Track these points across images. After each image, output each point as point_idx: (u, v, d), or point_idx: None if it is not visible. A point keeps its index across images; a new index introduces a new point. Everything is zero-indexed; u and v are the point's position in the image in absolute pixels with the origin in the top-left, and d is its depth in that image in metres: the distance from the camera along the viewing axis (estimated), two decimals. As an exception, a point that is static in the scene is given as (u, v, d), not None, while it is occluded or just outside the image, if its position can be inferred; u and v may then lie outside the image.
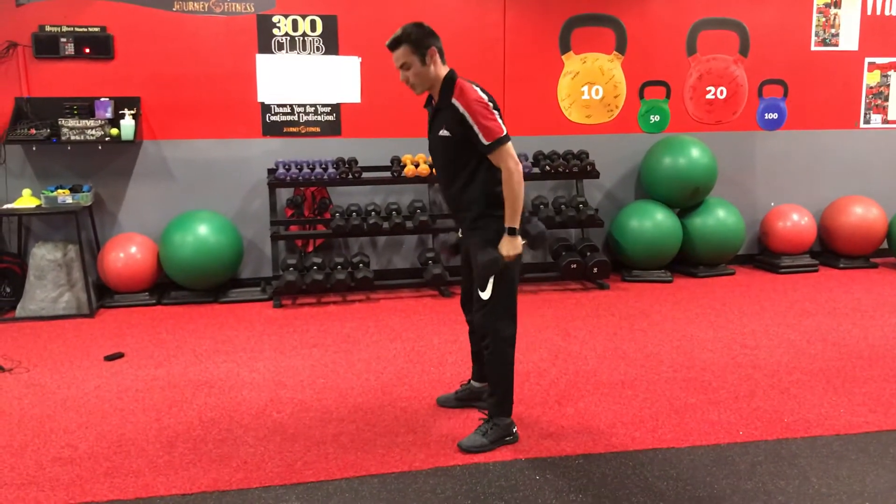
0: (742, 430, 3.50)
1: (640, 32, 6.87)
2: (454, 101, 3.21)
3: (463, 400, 3.81)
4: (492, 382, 3.44)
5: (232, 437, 3.49)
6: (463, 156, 3.25)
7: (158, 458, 3.28)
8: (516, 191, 3.18)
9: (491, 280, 3.28)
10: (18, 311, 5.63)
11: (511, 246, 3.22)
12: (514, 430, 3.44)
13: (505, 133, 3.18)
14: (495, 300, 3.30)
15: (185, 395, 4.03)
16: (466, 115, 3.17)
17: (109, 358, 4.63)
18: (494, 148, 3.17)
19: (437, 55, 3.26)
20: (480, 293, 3.32)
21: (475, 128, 3.16)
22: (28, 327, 5.39)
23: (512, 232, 3.22)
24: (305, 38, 6.29)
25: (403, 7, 6.39)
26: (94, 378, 4.30)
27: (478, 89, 3.25)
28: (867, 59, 7.35)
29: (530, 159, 6.54)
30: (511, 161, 3.17)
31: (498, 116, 3.20)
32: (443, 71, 3.29)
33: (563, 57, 6.78)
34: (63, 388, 4.14)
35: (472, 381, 3.83)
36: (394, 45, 3.25)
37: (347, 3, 6.32)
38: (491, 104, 3.21)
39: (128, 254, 5.89)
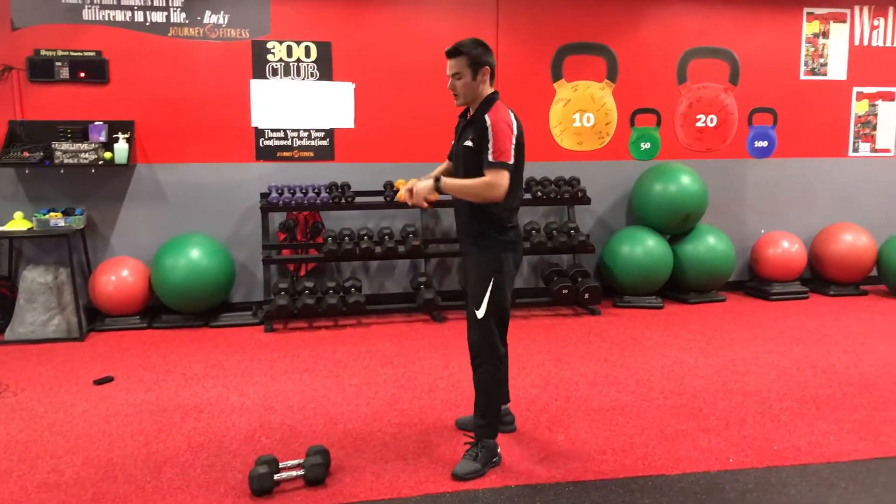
0: (732, 458, 3.50)
1: (631, 61, 6.95)
2: (486, 116, 3.29)
3: None
4: (480, 404, 3.45)
5: (220, 463, 3.46)
6: (480, 169, 3.31)
7: (146, 484, 3.26)
8: (478, 192, 3.25)
9: (486, 299, 3.33)
10: (7, 335, 5.61)
11: (425, 189, 3.31)
12: (499, 451, 3.46)
13: (511, 162, 3.25)
14: (488, 318, 3.35)
15: (174, 419, 4.01)
16: (490, 130, 3.25)
17: (99, 382, 4.61)
18: (494, 166, 3.23)
19: (489, 75, 3.36)
20: (475, 311, 3.36)
21: (490, 142, 3.24)
22: (17, 350, 5.36)
23: (437, 188, 3.30)
24: (300, 64, 6.34)
25: (397, 34, 6.45)
26: (83, 402, 4.28)
27: (513, 119, 3.33)
28: (855, 89, 7.44)
29: (522, 185, 6.56)
30: (500, 181, 3.22)
31: (514, 149, 3.26)
32: (487, 90, 3.38)
33: (554, 84, 6.84)
34: (51, 413, 4.12)
35: None
36: (453, 54, 3.33)
37: (342, 30, 6.38)
38: (516, 134, 3.28)
39: (119, 277, 5.88)
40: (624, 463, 3.45)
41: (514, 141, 3.27)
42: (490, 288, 3.34)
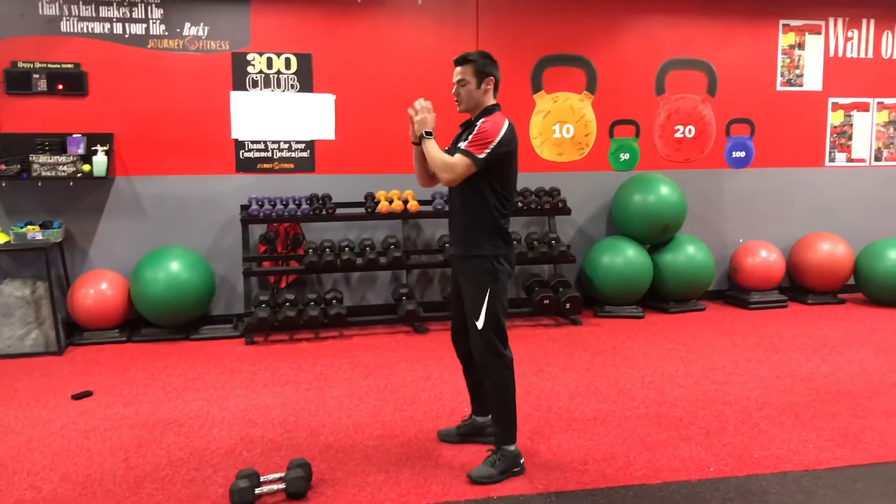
0: (713, 466, 3.52)
1: (610, 72, 7.00)
2: (480, 120, 3.42)
3: (465, 435, 3.82)
4: (495, 411, 3.49)
5: (201, 477, 3.44)
6: (474, 174, 3.36)
7: (125, 499, 3.23)
8: (437, 165, 3.38)
9: (483, 308, 3.37)
10: (-16, 349, 5.55)
11: (424, 125, 3.44)
12: (521, 461, 3.48)
13: (480, 158, 3.31)
14: (488, 327, 3.39)
15: (153, 433, 3.98)
16: (477, 127, 3.36)
17: (77, 397, 4.56)
18: (461, 152, 3.34)
19: (493, 86, 3.48)
20: (475, 322, 3.39)
21: (471, 136, 3.35)
22: (-6, 365, 5.30)
23: (423, 136, 3.45)
24: (280, 76, 6.34)
25: (378, 46, 6.47)
26: (61, 417, 4.23)
27: (505, 127, 3.39)
28: (831, 100, 7.54)
29: (514, 194, 6.58)
30: (458, 168, 3.33)
31: (490, 150, 3.31)
32: (490, 101, 3.50)
33: (534, 96, 6.88)
34: (28, 428, 4.07)
35: (473, 417, 3.84)
36: (461, 62, 3.47)
37: (322, 42, 6.38)
38: (500, 139, 3.33)
39: (98, 290, 5.83)
40: (605, 473, 3.46)
41: (495, 143, 3.32)
42: (487, 298, 3.39)
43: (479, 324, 3.39)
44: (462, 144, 3.36)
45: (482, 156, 3.31)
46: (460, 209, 3.50)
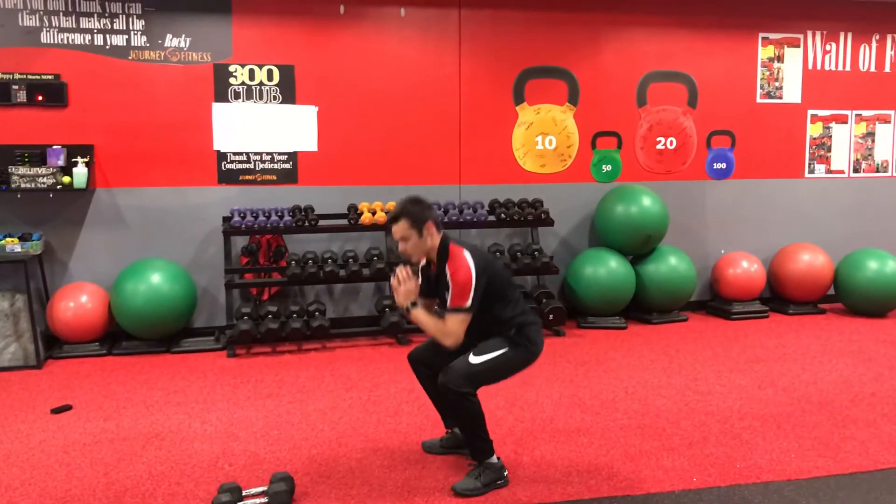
0: (696, 477, 3.53)
1: (592, 84, 7.05)
2: (447, 268, 3.37)
3: (448, 448, 3.82)
4: (465, 434, 3.48)
5: (183, 492, 3.41)
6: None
7: (105, 515, 3.20)
8: (435, 335, 3.40)
9: (490, 357, 3.39)
10: (-38, 363, 5.48)
11: (405, 298, 3.44)
12: (505, 473, 3.47)
13: (468, 306, 3.32)
14: (478, 369, 3.37)
15: (134, 448, 3.94)
16: (449, 281, 3.33)
17: (56, 411, 4.51)
18: (450, 311, 3.34)
19: (434, 227, 3.42)
20: (471, 354, 3.38)
21: (449, 291, 3.33)
22: (-29, 379, 5.23)
23: (409, 307, 3.43)
24: (262, 88, 6.33)
25: (361, 58, 6.47)
26: (40, 432, 4.18)
27: (470, 262, 3.35)
28: (810, 112, 7.62)
29: (486, 207, 6.61)
30: (454, 329, 3.33)
31: (473, 294, 3.31)
32: (437, 241, 3.45)
33: (517, 108, 6.91)
34: (6, 443, 4.02)
35: (453, 430, 3.82)
36: (394, 220, 3.41)
37: (305, 54, 6.38)
38: (475, 280, 3.32)
39: (78, 303, 5.78)
40: (589, 484, 3.46)
41: (473, 286, 3.31)
42: (500, 353, 3.41)
43: (475, 360, 3.38)
44: (448, 303, 3.34)
45: (469, 303, 3.31)
46: (481, 336, 3.46)
